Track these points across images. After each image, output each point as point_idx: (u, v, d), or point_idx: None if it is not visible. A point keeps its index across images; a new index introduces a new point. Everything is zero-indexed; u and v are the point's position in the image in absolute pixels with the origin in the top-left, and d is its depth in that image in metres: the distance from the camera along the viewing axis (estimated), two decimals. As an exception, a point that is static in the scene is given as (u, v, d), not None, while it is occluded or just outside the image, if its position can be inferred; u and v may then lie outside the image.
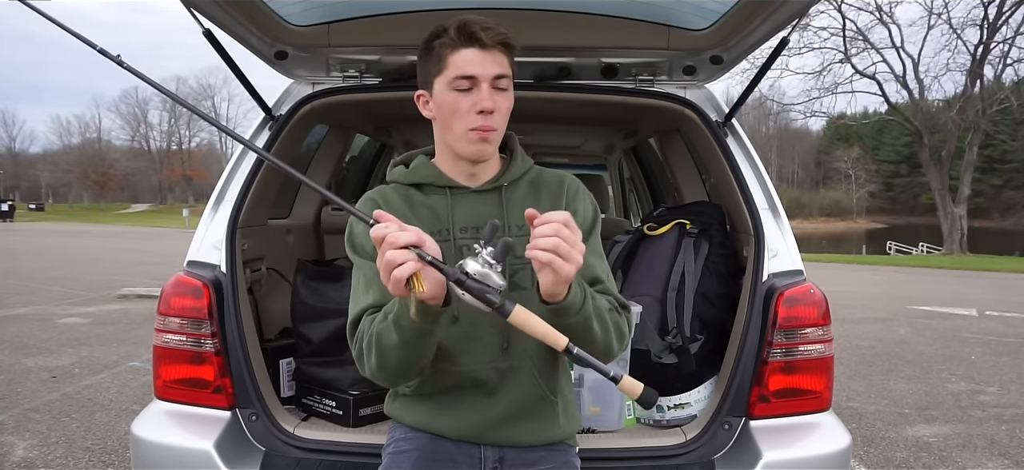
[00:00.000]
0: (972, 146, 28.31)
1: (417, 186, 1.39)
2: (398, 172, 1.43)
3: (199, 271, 1.85)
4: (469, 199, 1.36)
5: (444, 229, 1.34)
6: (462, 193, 1.37)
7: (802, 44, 26.70)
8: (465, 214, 1.35)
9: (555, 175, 1.44)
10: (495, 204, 1.36)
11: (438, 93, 1.31)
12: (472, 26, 1.26)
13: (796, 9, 1.71)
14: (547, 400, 1.38)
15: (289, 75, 2.30)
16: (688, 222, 2.25)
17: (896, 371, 5.55)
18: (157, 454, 1.73)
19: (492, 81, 1.27)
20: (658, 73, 2.26)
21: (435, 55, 1.29)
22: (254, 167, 2.02)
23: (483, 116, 1.27)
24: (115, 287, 9.75)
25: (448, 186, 1.36)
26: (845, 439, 1.77)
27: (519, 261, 1.31)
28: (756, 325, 1.79)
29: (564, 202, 1.39)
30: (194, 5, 1.68)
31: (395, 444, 1.42)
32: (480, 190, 1.37)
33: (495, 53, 1.27)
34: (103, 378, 4.88)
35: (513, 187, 1.39)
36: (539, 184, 1.42)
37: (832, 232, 55.53)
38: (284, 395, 2.15)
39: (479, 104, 1.26)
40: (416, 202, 1.37)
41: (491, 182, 1.37)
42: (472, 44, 1.26)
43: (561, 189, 1.41)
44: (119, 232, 32.10)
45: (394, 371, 1.25)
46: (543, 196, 1.40)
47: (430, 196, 1.37)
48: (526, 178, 1.41)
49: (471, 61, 1.26)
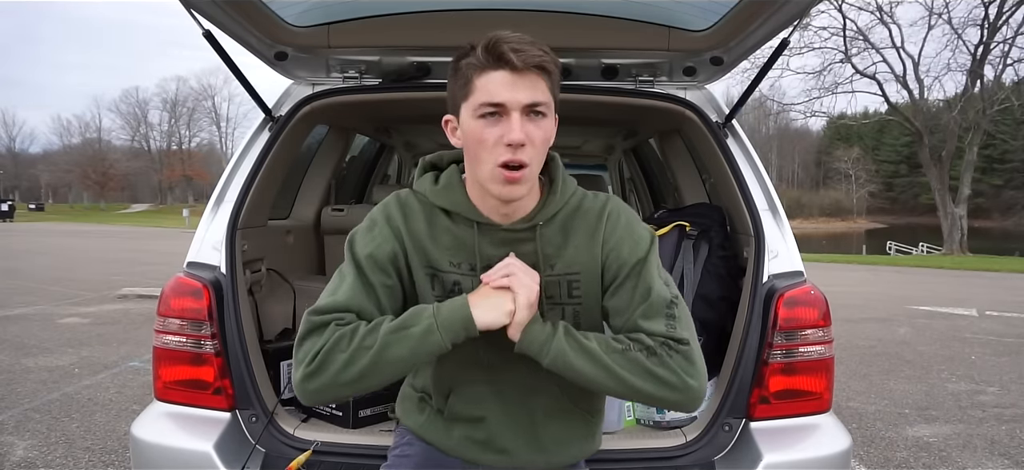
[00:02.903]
0: (972, 146, 28.29)
1: (444, 210, 1.25)
2: (426, 186, 1.27)
3: (199, 272, 1.85)
4: (499, 237, 1.23)
5: (466, 263, 1.23)
6: (491, 229, 1.23)
7: (802, 44, 26.68)
8: (493, 253, 1.22)
9: (597, 203, 1.27)
10: (528, 243, 1.23)
11: (464, 120, 1.16)
12: (501, 45, 1.10)
13: (796, 10, 1.70)
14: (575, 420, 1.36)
15: (289, 76, 2.30)
16: (688, 224, 2.25)
17: (896, 371, 5.55)
18: (157, 455, 1.73)
19: (524, 109, 1.12)
20: (658, 74, 2.26)
21: (462, 77, 1.15)
22: (254, 167, 2.02)
23: (511, 149, 1.12)
24: (115, 287, 9.74)
25: (477, 221, 1.23)
26: (845, 441, 1.77)
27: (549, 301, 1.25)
28: (756, 326, 1.79)
29: (601, 237, 1.24)
30: (194, 6, 1.67)
31: (400, 448, 1.41)
32: (512, 229, 1.23)
33: (530, 76, 1.11)
34: (103, 378, 4.88)
35: (550, 224, 1.24)
36: (578, 216, 1.26)
37: (832, 232, 55.51)
38: (284, 396, 2.15)
39: (507, 136, 1.11)
40: (439, 226, 1.24)
41: (525, 220, 1.23)
42: (501, 66, 1.10)
43: (599, 222, 1.25)
44: (119, 232, 32.08)
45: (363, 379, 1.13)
46: (578, 230, 1.25)
47: (457, 225, 1.24)
48: (565, 208, 1.26)
49: (500, 86, 1.11)
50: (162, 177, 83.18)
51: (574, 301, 1.26)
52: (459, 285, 1.23)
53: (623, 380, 1.14)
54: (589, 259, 1.24)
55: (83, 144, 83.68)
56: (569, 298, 1.25)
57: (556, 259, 1.24)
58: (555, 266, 1.24)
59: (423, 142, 4.43)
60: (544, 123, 1.15)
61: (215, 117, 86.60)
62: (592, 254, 1.24)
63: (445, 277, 1.24)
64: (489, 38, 1.11)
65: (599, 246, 1.24)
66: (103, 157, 79.76)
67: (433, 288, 1.24)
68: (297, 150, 2.45)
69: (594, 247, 1.24)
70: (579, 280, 1.25)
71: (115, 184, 79.92)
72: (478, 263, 1.22)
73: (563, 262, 1.24)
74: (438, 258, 1.24)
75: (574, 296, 1.25)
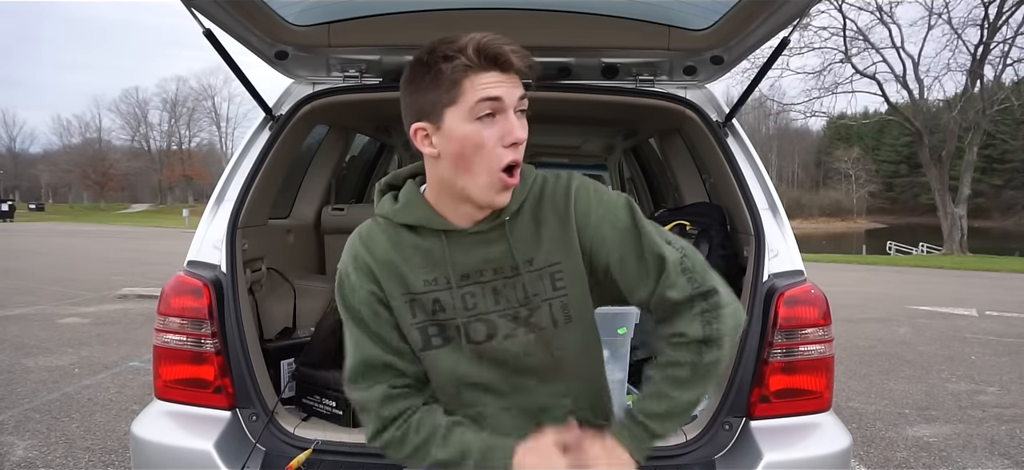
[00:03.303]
0: (972, 146, 28.29)
1: (409, 226, 1.21)
2: (386, 207, 1.23)
3: (199, 271, 1.85)
4: (468, 243, 1.19)
5: (442, 277, 1.19)
6: (458, 236, 1.19)
7: (802, 44, 26.69)
8: (466, 261, 1.19)
9: (560, 184, 1.23)
10: (500, 243, 1.19)
11: (451, 126, 1.10)
12: (493, 46, 1.07)
13: (796, 9, 1.71)
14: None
15: (289, 75, 2.30)
16: (688, 223, 2.25)
17: (896, 371, 5.55)
18: (157, 454, 1.73)
19: (515, 108, 1.11)
20: (658, 73, 2.26)
21: (445, 81, 1.08)
22: (254, 167, 2.02)
23: (515, 149, 1.10)
24: (115, 287, 9.74)
25: (443, 230, 1.19)
26: (845, 440, 1.77)
27: (535, 299, 1.20)
28: (756, 325, 1.79)
29: (573, 220, 1.20)
30: (195, 5, 1.67)
31: None
32: (479, 231, 1.19)
33: (513, 76, 1.10)
34: (103, 378, 4.88)
35: (517, 217, 1.20)
36: (544, 203, 1.21)
37: (832, 232, 55.53)
38: (284, 395, 2.15)
39: (511, 135, 1.09)
40: (406, 245, 1.20)
41: (490, 220, 1.18)
42: (494, 67, 1.08)
43: (568, 205, 1.21)
44: (119, 232, 32.08)
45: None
46: (548, 220, 1.21)
47: (424, 238, 1.20)
48: (529, 198, 1.21)
49: (495, 85, 1.08)
50: (162, 177, 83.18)
51: (559, 293, 1.21)
52: (439, 302, 1.20)
53: (703, 390, 1.18)
54: (567, 247, 1.20)
55: (83, 144, 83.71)
56: (554, 291, 1.21)
57: (533, 253, 1.21)
58: (533, 261, 1.20)
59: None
60: (525, 121, 1.14)
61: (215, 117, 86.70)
62: (569, 240, 1.20)
63: (424, 299, 1.20)
64: (478, 40, 1.07)
65: (574, 230, 1.20)
66: (103, 157, 79.77)
67: (414, 315, 1.20)
68: (297, 149, 2.45)
69: (569, 232, 1.20)
70: (561, 270, 1.21)
71: (115, 184, 79.93)
72: (452, 275, 1.19)
73: (542, 255, 1.21)
74: (413, 281, 1.20)
75: (558, 288, 1.21)
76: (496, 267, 1.20)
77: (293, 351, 2.21)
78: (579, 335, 1.24)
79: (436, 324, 1.20)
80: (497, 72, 1.08)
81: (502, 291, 1.20)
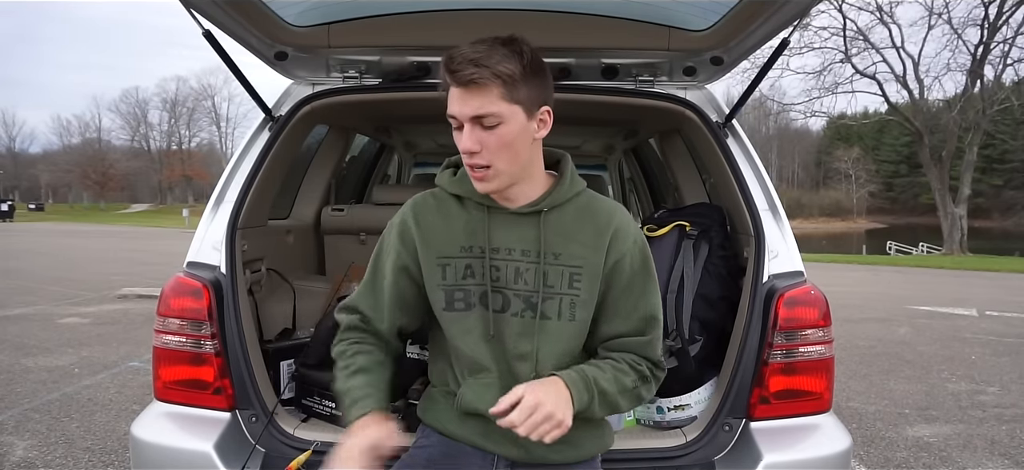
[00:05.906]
0: (972, 146, 28.28)
1: (458, 198, 1.36)
2: (445, 178, 1.39)
3: (199, 272, 1.84)
4: (507, 220, 1.33)
5: (477, 246, 1.32)
6: (500, 212, 1.33)
7: (802, 44, 26.69)
8: (501, 235, 1.33)
9: (606, 208, 1.37)
10: (533, 228, 1.32)
11: None
12: (450, 62, 1.18)
13: (797, 10, 1.70)
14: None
15: (289, 76, 2.29)
16: (688, 224, 2.24)
17: (896, 371, 5.55)
18: (157, 455, 1.73)
19: (472, 120, 1.20)
20: (658, 74, 2.26)
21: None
22: (254, 167, 2.02)
23: (468, 155, 1.22)
24: (115, 287, 9.74)
25: (487, 205, 1.33)
26: (845, 441, 1.77)
27: (549, 290, 1.30)
28: (756, 326, 1.79)
29: (607, 241, 1.33)
30: (194, 6, 1.67)
31: (419, 441, 1.46)
32: (519, 212, 1.32)
33: (475, 89, 1.17)
34: (103, 378, 4.88)
35: (556, 212, 1.33)
36: (586, 214, 1.35)
37: (832, 232, 55.50)
38: (284, 396, 2.15)
39: (460, 144, 1.22)
40: (452, 214, 1.35)
41: (531, 205, 1.32)
42: (452, 81, 1.19)
43: (607, 227, 1.34)
44: (119, 232, 32.09)
45: None
46: (586, 228, 1.34)
47: (469, 211, 1.34)
48: (573, 204, 1.35)
49: (453, 101, 1.20)
50: (162, 177, 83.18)
51: (573, 292, 1.32)
52: (471, 269, 1.33)
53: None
54: (594, 257, 1.32)
55: (83, 144, 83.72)
56: (569, 289, 1.32)
57: (561, 249, 1.32)
58: (560, 256, 1.31)
59: (423, 141, 4.43)
60: (499, 130, 1.20)
61: (215, 117, 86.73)
62: (598, 253, 1.32)
63: (457, 263, 1.33)
64: (447, 54, 1.18)
65: (606, 249, 1.32)
66: (103, 157, 79.78)
67: (444, 276, 1.34)
68: (297, 150, 2.45)
69: (600, 247, 1.32)
70: (581, 274, 1.32)
71: (115, 184, 79.91)
72: (487, 246, 1.31)
73: (567, 254, 1.32)
74: (449, 247, 1.34)
75: (574, 288, 1.32)
76: (524, 249, 1.32)
77: (293, 352, 2.20)
78: (576, 336, 1.34)
79: (462, 289, 1.33)
80: (456, 87, 1.19)
81: (523, 273, 1.31)
